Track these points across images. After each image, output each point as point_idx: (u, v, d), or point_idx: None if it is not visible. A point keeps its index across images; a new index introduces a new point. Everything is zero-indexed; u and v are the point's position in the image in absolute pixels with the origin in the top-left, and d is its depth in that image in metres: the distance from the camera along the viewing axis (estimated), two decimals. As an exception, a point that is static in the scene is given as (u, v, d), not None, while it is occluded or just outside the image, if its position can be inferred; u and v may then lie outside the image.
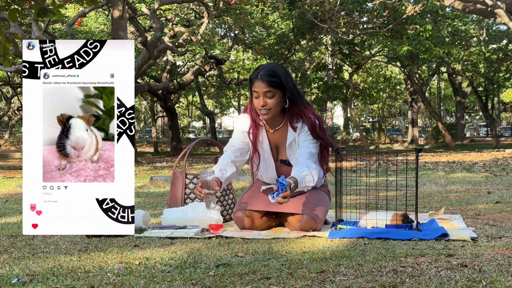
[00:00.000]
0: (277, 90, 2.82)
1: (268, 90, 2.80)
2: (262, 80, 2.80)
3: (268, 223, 2.94)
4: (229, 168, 2.92)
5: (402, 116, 47.28)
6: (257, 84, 2.81)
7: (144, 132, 39.83)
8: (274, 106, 2.83)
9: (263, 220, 2.92)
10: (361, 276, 1.78)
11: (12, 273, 1.92)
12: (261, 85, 2.80)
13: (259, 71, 2.84)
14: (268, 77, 2.80)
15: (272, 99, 2.82)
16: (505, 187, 5.09)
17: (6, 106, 19.11)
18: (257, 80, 2.81)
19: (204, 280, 1.79)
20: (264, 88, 2.80)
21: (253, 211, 2.90)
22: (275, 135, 2.97)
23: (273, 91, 2.81)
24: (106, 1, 11.25)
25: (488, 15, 11.60)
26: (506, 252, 2.09)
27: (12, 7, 4.29)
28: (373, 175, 6.60)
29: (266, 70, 2.83)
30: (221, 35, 19.10)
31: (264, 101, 2.82)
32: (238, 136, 3.01)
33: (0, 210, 4.08)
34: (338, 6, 12.60)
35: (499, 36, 20.40)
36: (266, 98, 2.82)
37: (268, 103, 2.82)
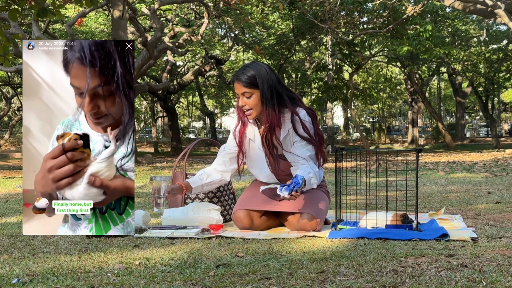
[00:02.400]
0: (254, 90, 2.83)
1: (245, 91, 2.83)
2: (238, 81, 2.85)
3: (268, 223, 2.94)
4: (212, 174, 2.99)
5: (402, 116, 47.28)
6: (235, 85, 2.87)
7: (144, 132, 39.81)
8: (254, 106, 2.84)
9: (263, 219, 2.92)
10: (361, 276, 1.78)
11: (12, 273, 1.92)
12: (237, 86, 2.86)
13: (236, 74, 2.88)
14: (243, 77, 2.83)
15: (250, 99, 2.84)
16: (505, 187, 5.09)
17: (6, 106, 19.11)
18: (235, 82, 2.87)
19: (204, 280, 1.79)
20: (240, 89, 2.84)
21: (252, 210, 2.90)
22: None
23: (249, 91, 2.83)
24: (106, 1, 11.25)
25: (488, 15, 11.59)
26: (506, 252, 2.09)
27: (12, 7, 4.29)
28: (373, 175, 6.60)
29: (243, 70, 2.86)
30: (221, 35, 19.09)
31: (243, 101, 2.85)
32: (231, 138, 3.02)
33: (0, 210, 4.08)
34: (338, 6, 12.59)
35: (499, 37, 20.39)
36: (244, 98, 2.85)
37: (247, 103, 2.84)
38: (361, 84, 26.90)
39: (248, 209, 2.90)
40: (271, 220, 2.96)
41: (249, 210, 2.90)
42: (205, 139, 4.05)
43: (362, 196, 3.72)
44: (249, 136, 2.96)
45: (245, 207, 2.91)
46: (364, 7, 14.61)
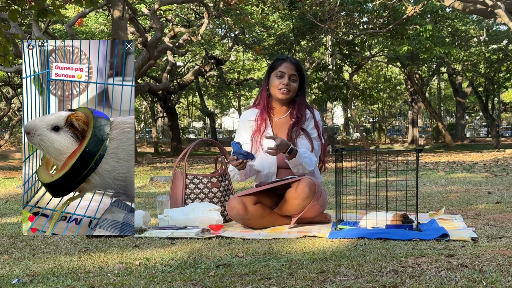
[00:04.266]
0: (298, 78, 3.08)
1: (294, 74, 3.05)
2: (291, 63, 3.06)
3: (262, 212, 2.94)
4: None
5: (402, 117, 47.28)
6: (286, 65, 3.05)
7: (144, 132, 39.84)
8: (293, 90, 3.07)
9: (257, 208, 2.93)
10: (362, 277, 1.78)
11: (12, 274, 1.92)
12: (290, 67, 3.05)
13: (286, 56, 3.13)
14: (296, 61, 3.09)
15: (295, 83, 3.07)
16: (505, 187, 5.08)
17: (6, 107, 19.11)
18: (286, 62, 3.06)
19: (204, 280, 1.79)
20: (291, 70, 3.04)
21: (245, 195, 2.95)
22: (279, 123, 3.14)
23: (296, 77, 3.07)
24: (106, 2, 11.25)
25: (488, 15, 11.59)
26: (506, 252, 2.09)
27: (12, 8, 4.29)
28: (373, 175, 6.60)
29: (293, 57, 3.12)
30: (221, 36, 19.10)
31: (287, 82, 3.04)
32: (245, 129, 3.15)
33: (1, 210, 4.08)
34: (338, 6, 12.59)
35: (499, 37, 20.40)
36: (288, 80, 3.05)
37: (291, 85, 3.05)
38: (361, 84, 26.91)
39: (241, 195, 2.96)
40: (267, 210, 2.97)
41: (242, 196, 2.95)
42: (205, 139, 4.05)
43: (362, 196, 3.73)
44: (263, 124, 3.12)
45: (238, 195, 2.98)
46: (364, 7, 14.61)
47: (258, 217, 2.91)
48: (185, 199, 3.22)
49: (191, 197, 3.22)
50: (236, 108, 35.94)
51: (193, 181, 3.25)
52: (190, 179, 3.25)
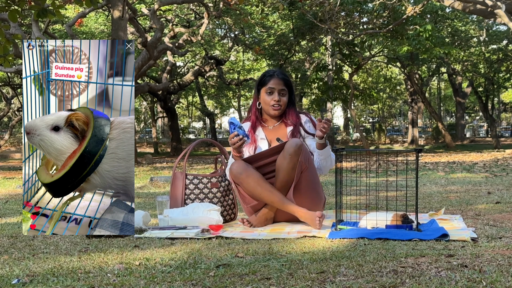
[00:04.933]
0: (287, 91, 3.19)
1: (283, 88, 3.16)
2: (279, 78, 3.15)
3: (261, 176, 2.95)
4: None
5: (402, 117, 47.27)
6: (275, 81, 3.14)
7: (144, 132, 39.81)
8: (284, 104, 3.18)
9: (257, 171, 2.97)
10: (361, 277, 1.78)
11: (12, 274, 1.92)
12: (278, 82, 3.15)
13: (273, 71, 3.20)
14: (284, 75, 3.20)
15: (285, 97, 3.18)
16: (505, 187, 5.08)
17: (6, 107, 19.11)
18: (274, 78, 3.15)
19: (204, 280, 1.79)
20: (280, 85, 3.15)
21: (245, 160, 3.00)
22: (272, 131, 3.24)
23: (285, 91, 3.18)
24: (106, 2, 11.25)
25: (488, 16, 11.59)
26: (506, 253, 2.09)
27: (12, 8, 4.29)
28: (373, 175, 6.60)
29: (280, 72, 3.19)
30: (221, 36, 19.10)
31: (278, 98, 3.14)
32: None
33: (0, 210, 4.08)
34: (338, 6, 12.60)
35: (499, 37, 20.39)
36: (279, 96, 3.14)
37: (282, 100, 3.16)
38: (361, 84, 26.89)
39: (243, 159, 3.02)
40: (264, 179, 2.97)
41: (243, 160, 3.00)
42: (205, 139, 4.05)
43: (362, 196, 3.73)
44: (257, 134, 3.23)
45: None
46: (364, 7, 14.62)
47: (257, 177, 2.93)
48: (185, 199, 3.22)
49: (191, 197, 3.22)
50: (236, 108, 35.95)
51: (193, 181, 3.25)
52: (190, 179, 3.25)
